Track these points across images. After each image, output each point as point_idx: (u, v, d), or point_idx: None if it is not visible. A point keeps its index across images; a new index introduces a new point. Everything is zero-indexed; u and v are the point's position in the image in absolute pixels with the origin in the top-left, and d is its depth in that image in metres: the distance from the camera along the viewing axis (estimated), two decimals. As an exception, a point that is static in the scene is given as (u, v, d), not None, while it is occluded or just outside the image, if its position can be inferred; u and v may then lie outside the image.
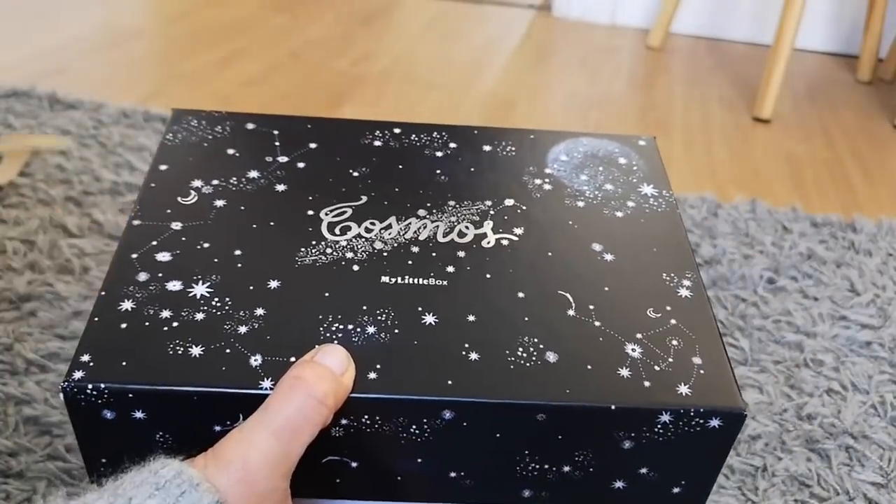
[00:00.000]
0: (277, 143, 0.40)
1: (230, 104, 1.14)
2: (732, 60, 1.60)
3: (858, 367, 0.70)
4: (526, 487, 0.33)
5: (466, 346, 0.32)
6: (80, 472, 0.53)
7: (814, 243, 0.88)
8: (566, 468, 0.32)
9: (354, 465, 0.32)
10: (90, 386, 0.30)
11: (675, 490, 0.33)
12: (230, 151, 0.40)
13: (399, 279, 0.34)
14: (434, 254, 0.35)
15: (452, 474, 0.32)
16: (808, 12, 1.59)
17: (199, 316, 0.33)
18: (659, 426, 0.30)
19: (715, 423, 0.30)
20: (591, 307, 0.34)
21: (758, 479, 0.58)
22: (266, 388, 0.31)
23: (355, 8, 1.75)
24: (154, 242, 0.35)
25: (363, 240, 0.36)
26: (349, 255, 0.35)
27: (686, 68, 1.53)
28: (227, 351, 0.31)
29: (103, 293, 0.33)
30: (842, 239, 0.91)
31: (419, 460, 0.32)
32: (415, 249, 0.36)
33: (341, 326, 0.33)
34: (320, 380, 0.30)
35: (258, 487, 0.28)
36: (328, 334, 0.33)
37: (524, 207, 0.38)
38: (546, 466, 0.32)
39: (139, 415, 0.30)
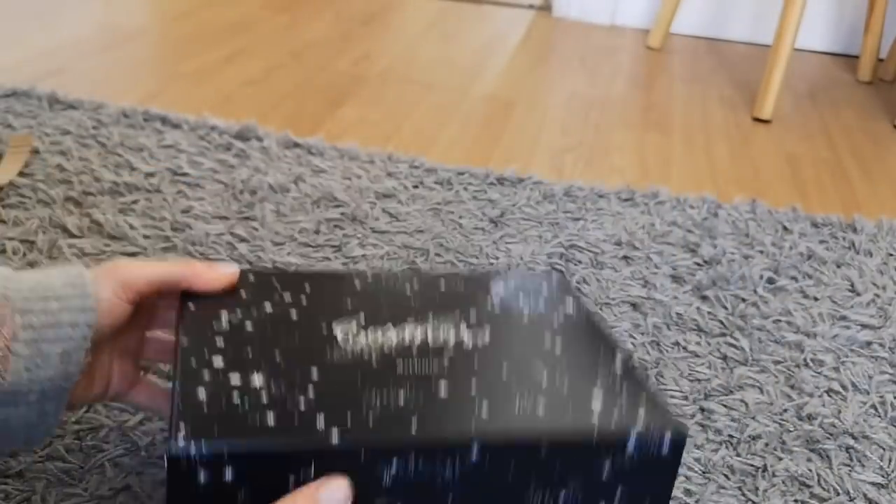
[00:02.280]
0: (277, 285, 0.52)
1: (230, 104, 1.14)
2: (732, 60, 1.60)
3: (859, 367, 0.70)
4: None
5: (478, 407, 0.42)
6: (80, 472, 0.53)
7: (814, 243, 0.88)
8: (562, 498, 0.42)
9: None
10: (192, 449, 0.37)
11: None
12: (242, 293, 0.51)
13: (409, 370, 0.44)
14: (430, 352, 0.46)
15: None
16: (808, 12, 1.59)
17: (264, 399, 0.41)
18: (628, 451, 0.41)
19: (667, 441, 0.41)
20: (557, 374, 0.45)
21: (758, 479, 0.58)
22: (335, 442, 0.38)
23: (355, 8, 1.75)
24: (206, 353, 0.44)
25: (372, 346, 0.46)
26: (365, 357, 0.45)
27: (686, 68, 1.53)
28: (295, 418, 0.40)
29: (178, 388, 0.41)
30: (842, 239, 0.91)
31: (449, 502, 0.41)
32: (414, 350, 0.46)
33: (380, 400, 0.41)
34: None
35: None
36: (371, 401, 0.41)
37: (486, 320, 0.50)
38: (547, 495, 0.42)
39: (229, 475, 0.38)
